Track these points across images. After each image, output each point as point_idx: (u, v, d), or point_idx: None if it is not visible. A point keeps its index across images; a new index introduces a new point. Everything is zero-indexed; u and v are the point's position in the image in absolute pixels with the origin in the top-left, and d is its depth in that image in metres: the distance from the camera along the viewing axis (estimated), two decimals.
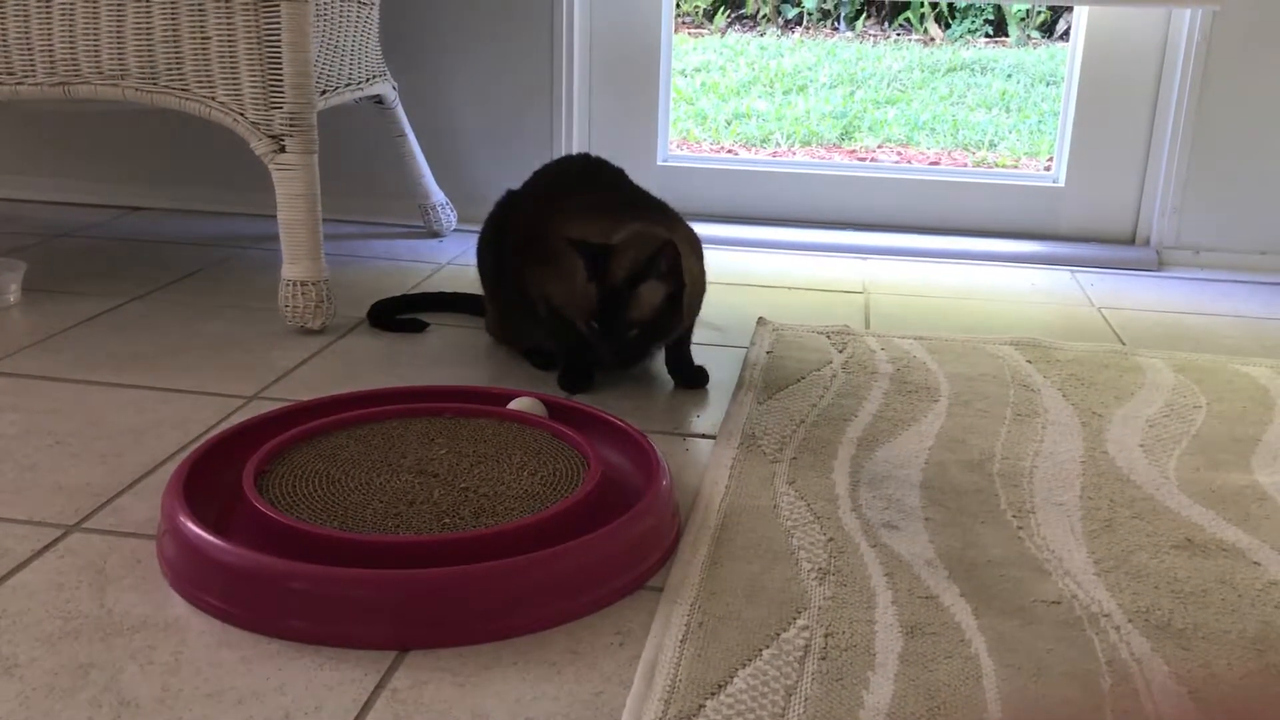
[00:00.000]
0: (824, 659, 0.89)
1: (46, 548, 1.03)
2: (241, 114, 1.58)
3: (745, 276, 1.99)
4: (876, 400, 1.41)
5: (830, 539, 1.07)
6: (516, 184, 1.61)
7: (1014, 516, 1.13)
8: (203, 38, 1.56)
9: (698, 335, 1.50)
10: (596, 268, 1.31)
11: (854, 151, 3.40)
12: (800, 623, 0.93)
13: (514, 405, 1.26)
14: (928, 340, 1.64)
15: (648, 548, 1.03)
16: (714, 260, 1.50)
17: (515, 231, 1.49)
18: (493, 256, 1.55)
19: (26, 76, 1.61)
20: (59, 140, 2.40)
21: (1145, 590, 1.00)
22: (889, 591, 0.98)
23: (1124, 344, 1.68)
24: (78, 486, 1.15)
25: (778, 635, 0.92)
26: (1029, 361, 1.56)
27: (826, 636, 0.92)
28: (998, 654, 0.90)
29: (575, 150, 2.25)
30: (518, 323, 1.54)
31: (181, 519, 0.99)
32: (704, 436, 1.32)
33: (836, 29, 4.73)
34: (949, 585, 1.00)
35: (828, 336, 1.64)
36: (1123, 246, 2.18)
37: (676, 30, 2.42)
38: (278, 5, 1.53)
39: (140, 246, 2.10)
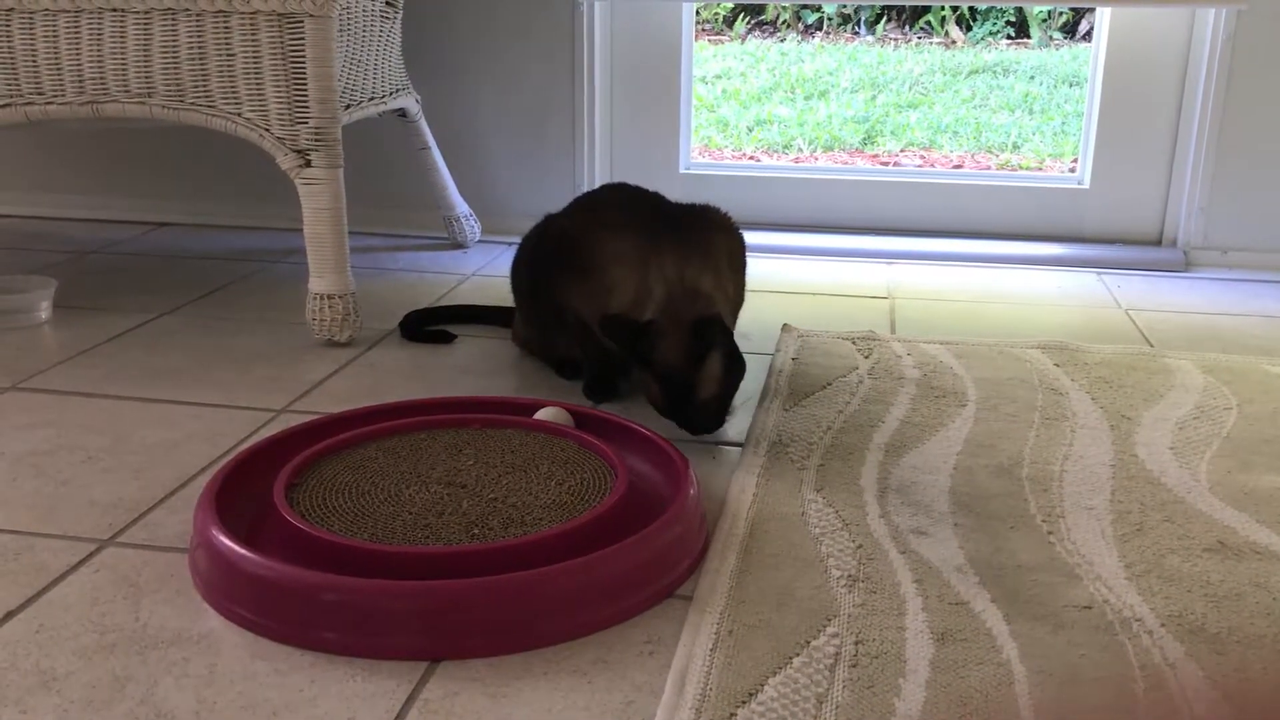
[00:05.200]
0: (855, 666, 0.88)
1: (81, 562, 1.05)
2: (267, 129, 1.59)
3: (769, 283, 1.99)
4: (903, 406, 1.41)
5: (859, 546, 1.07)
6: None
7: (1044, 521, 1.13)
8: (228, 55, 1.57)
9: None
10: (637, 349, 1.29)
11: (876, 156, 3.40)
12: (830, 630, 0.93)
13: (540, 415, 1.27)
14: (954, 345, 1.63)
15: (676, 556, 1.03)
16: None
17: (551, 240, 1.50)
18: (528, 268, 1.56)
19: (56, 96, 1.63)
20: (86, 157, 2.43)
21: (1178, 594, 0.99)
22: (919, 598, 0.98)
23: (1152, 346, 1.67)
24: (111, 501, 1.16)
25: (808, 643, 0.92)
26: (1056, 365, 1.55)
27: (857, 644, 0.91)
28: (1029, 660, 0.90)
29: (597, 161, 2.26)
30: (546, 334, 1.55)
31: (213, 532, 1.00)
32: (731, 444, 1.32)
33: (857, 33, 4.72)
34: (979, 591, 0.99)
35: (853, 342, 1.64)
36: (1149, 247, 2.17)
37: (696, 37, 2.42)
38: (302, 22, 1.55)
39: (168, 262, 2.12)
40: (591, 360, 1.47)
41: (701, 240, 1.40)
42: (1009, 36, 4.63)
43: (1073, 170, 2.36)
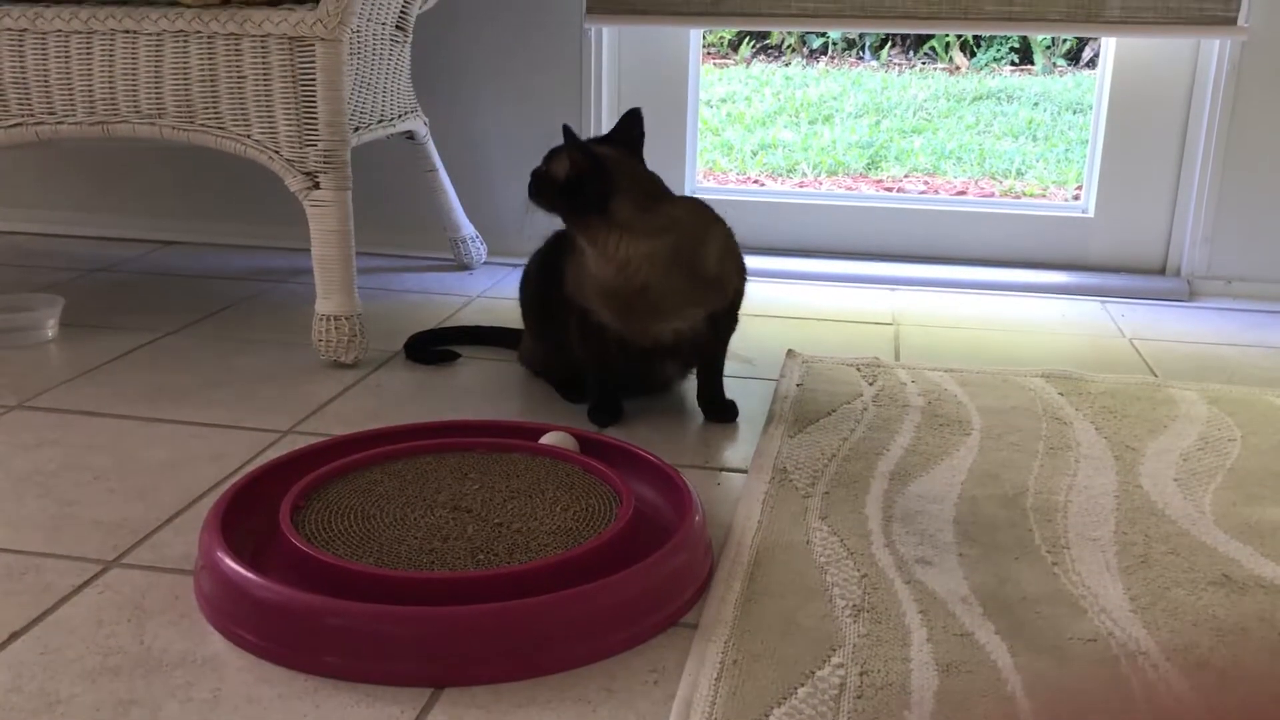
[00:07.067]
0: (859, 698, 0.88)
1: (86, 583, 1.05)
2: (276, 152, 1.60)
3: (773, 308, 1.99)
4: (908, 434, 1.41)
5: (864, 575, 1.07)
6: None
7: (1048, 552, 1.13)
8: (238, 77, 1.58)
9: (728, 368, 1.50)
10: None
11: (881, 181, 3.41)
12: (835, 661, 0.93)
13: (546, 440, 1.27)
14: (958, 372, 1.63)
15: (681, 584, 1.03)
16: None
17: (556, 247, 1.52)
18: (535, 285, 1.57)
19: (67, 116, 1.64)
20: (94, 175, 2.44)
21: (1183, 627, 0.99)
22: (924, 629, 0.98)
23: (1156, 376, 1.67)
24: (116, 522, 1.17)
25: (812, 673, 0.91)
26: (1061, 394, 1.55)
27: (862, 675, 0.91)
28: (1034, 693, 0.89)
29: None
30: (552, 353, 1.55)
31: (219, 555, 1.00)
32: (736, 471, 1.32)
33: (861, 58, 4.74)
34: (984, 622, 0.99)
35: (858, 369, 1.64)
36: (1153, 276, 2.17)
37: (701, 61, 2.44)
38: (313, 45, 1.56)
39: (175, 281, 2.13)
40: (597, 380, 1.47)
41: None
42: (1013, 63, 4.65)
43: (1076, 197, 2.37)
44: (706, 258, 1.40)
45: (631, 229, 1.36)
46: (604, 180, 1.36)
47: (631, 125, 1.46)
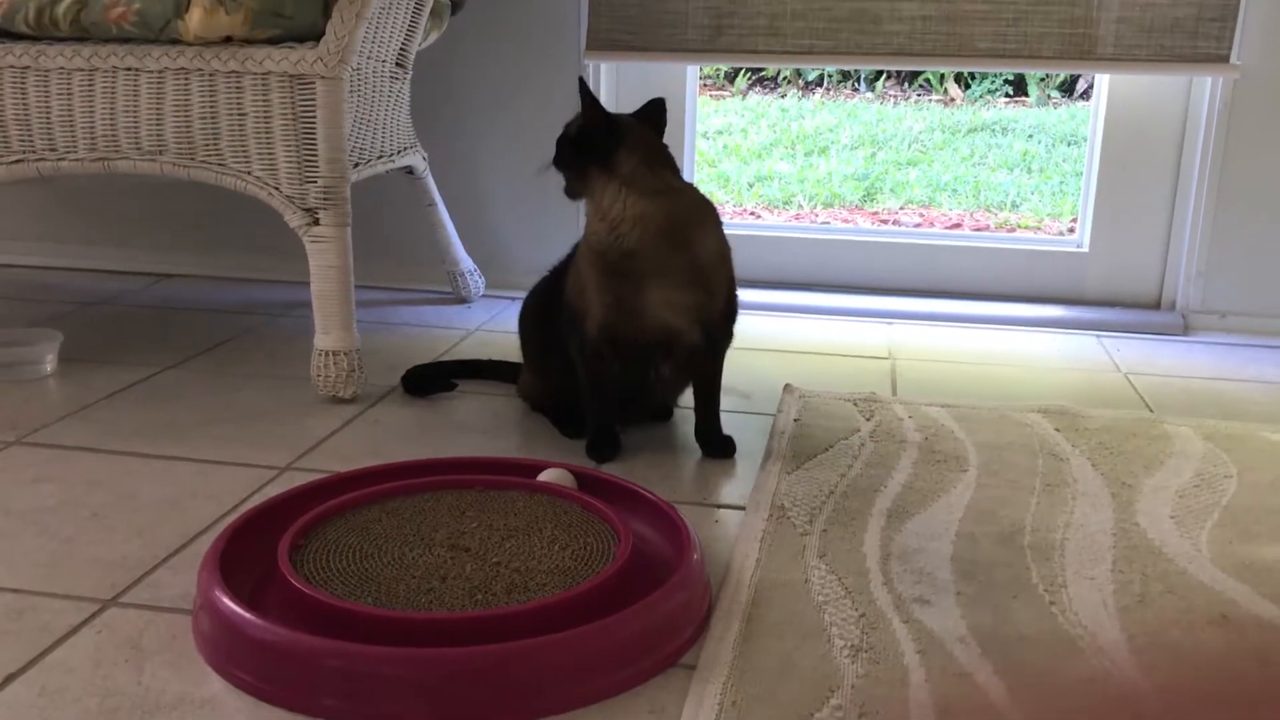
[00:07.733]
0: None
1: (84, 623, 1.04)
2: (276, 188, 1.61)
3: (770, 342, 2.00)
4: (905, 470, 1.42)
5: (862, 615, 1.07)
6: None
7: (1046, 591, 1.13)
8: (239, 115, 1.59)
9: (725, 403, 1.51)
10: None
11: (876, 213, 3.42)
12: (834, 702, 0.93)
13: (544, 477, 1.27)
14: (955, 408, 1.64)
15: (680, 624, 1.03)
16: (739, 325, 1.50)
17: (555, 280, 1.53)
18: (534, 317, 1.57)
19: (69, 152, 1.65)
20: (93, 208, 2.45)
21: (1181, 668, 0.99)
22: (922, 669, 0.98)
23: (1152, 411, 1.68)
24: (114, 560, 1.16)
25: (811, 715, 0.91)
26: (1057, 430, 1.56)
27: (860, 716, 0.91)
28: None
29: None
30: (550, 385, 1.56)
31: (217, 594, 1.00)
32: (734, 507, 1.33)
33: (857, 90, 4.78)
34: (982, 662, 0.99)
35: (855, 404, 1.65)
36: (1148, 311, 2.18)
37: (698, 93, 2.46)
38: (313, 83, 1.57)
39: (172, 314, 2.13)
40: (592, 392, 1.46)
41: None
42: (1007, 95, 4.68)
43: (1071, 230, 2.38)
44: (699, 245, 1.41)
45: (631, 184, 1.39)
46: (612, 133, 1.40)
47: (655, 112, 1.49)
